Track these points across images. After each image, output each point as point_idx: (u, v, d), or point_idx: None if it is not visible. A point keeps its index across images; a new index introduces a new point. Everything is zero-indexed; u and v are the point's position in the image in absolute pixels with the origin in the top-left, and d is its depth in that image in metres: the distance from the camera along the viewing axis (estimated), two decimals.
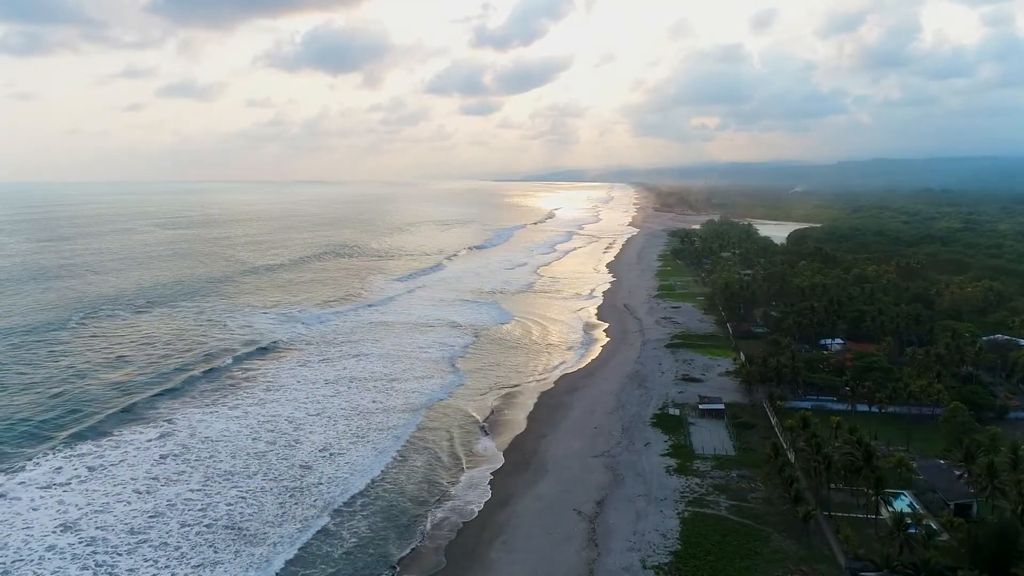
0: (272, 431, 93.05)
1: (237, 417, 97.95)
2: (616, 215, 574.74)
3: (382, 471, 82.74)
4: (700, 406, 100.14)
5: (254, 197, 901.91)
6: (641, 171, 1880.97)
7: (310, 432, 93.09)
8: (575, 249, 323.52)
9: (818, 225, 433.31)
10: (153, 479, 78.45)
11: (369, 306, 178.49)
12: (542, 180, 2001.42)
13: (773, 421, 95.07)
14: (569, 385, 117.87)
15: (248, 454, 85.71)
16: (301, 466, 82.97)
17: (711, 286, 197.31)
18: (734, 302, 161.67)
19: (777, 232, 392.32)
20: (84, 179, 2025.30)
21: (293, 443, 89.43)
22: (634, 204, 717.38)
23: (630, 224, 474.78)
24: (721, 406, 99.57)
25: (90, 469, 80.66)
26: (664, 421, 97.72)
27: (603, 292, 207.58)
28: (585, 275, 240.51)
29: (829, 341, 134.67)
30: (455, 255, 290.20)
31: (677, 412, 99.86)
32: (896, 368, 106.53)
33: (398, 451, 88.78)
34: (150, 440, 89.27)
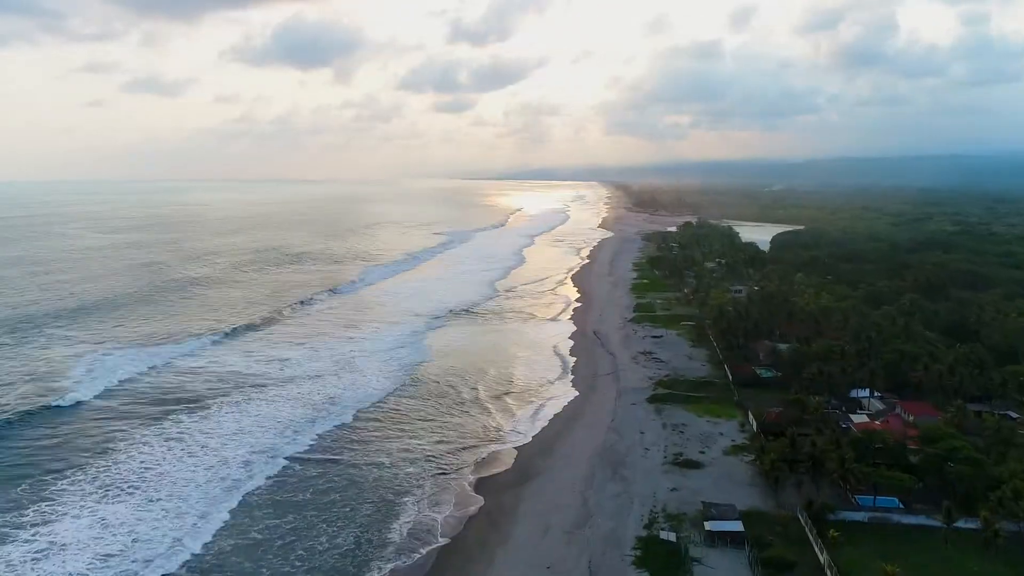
0: None
1: None
2: (586, 215, 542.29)
3: None
4: (707, 525, 66.10)
5: (218, 196, 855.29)
6: (613, 170, 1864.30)
7: None
8: (533, 255, 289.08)
9: (800, 227, 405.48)
10: None
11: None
12: (514, 179, 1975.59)
13: (822, 559, 61.31)
14: (517, 472, 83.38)
15: None
16: None
17: (698, 306, 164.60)
18: (731, 333, 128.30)
19: (758, 235, 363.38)
20: (47, 178, 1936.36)
21: None
22: (605, 204, 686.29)
23: (600, 226, 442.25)
24: (738, 525, 65.68)
25: None
26: (653, 553, 63.53)
27: (569, 313, 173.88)
28: (546, 289, 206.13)
29: (864, 394, 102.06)
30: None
31: (673, 536, 65.72)
32: (985, 459, 73.05)
33: None
34: None
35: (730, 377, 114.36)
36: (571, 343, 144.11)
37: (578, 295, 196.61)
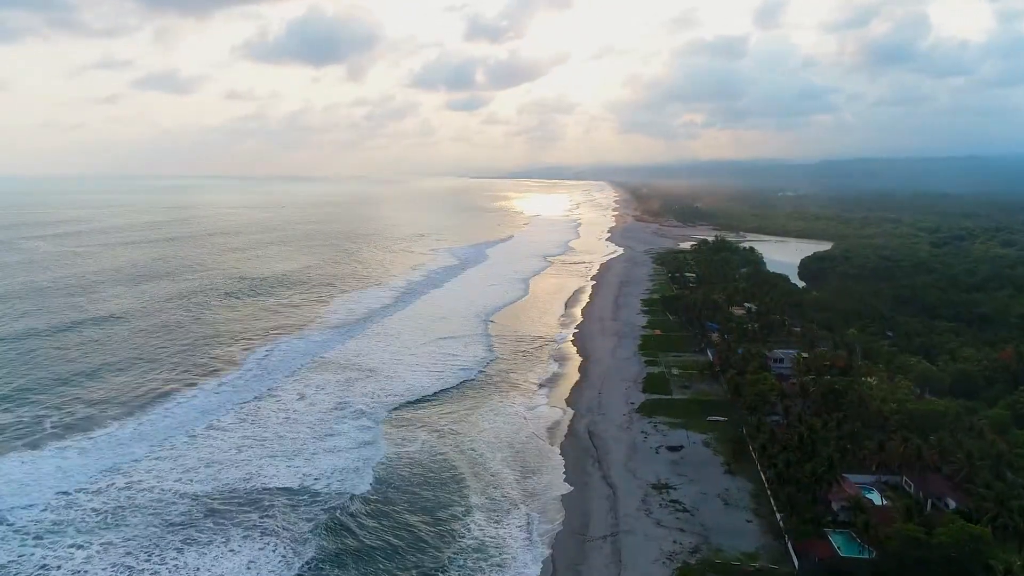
0: None
1: None
2: (591, 224, 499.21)
3: None
4: None
5: (218, 196, 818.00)
6: (624, 169, 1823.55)
7: None
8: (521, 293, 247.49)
9: (828, 245, 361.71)
10: None
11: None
12: (523, 177, 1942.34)
13: None
14: None
15: None
16: None
17: (730, 390, 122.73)
18: (791, 480, 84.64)
19: (783, 256, 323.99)
20: (59, 173, 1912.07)
21: None
22: (613, 212, 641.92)
23: (607, 239, 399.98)
24: None
25: None
26: None
27: (558, 386, 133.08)
28: (534, 345, 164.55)
29: None
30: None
31: None
32: None
33: None
34: None
35: (795, 562, 72.75)
36: (559, 449, 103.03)
37: (574, 350, 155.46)
